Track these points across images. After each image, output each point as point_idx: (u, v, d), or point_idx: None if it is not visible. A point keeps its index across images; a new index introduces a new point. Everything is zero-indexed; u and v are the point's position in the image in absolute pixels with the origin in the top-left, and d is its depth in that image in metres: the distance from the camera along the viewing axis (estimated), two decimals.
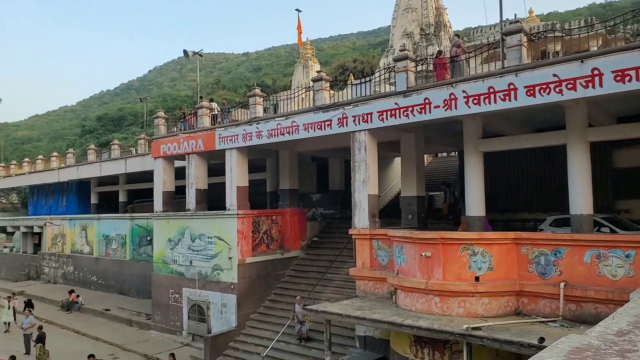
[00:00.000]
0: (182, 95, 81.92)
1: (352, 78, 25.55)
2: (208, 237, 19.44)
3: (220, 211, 19.19)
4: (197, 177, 20.08)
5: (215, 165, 20.90)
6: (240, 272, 18.47)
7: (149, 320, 22.44)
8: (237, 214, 18.50)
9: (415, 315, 11.12)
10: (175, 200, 22.32)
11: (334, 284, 17.89)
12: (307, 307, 14.19)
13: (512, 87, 11.16)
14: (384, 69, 17.09)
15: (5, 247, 46.35)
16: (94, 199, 34.60)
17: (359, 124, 14.39)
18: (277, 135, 16.78)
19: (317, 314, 12.98)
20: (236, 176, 18.72)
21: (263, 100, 18.53)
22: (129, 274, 28.38)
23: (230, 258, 18.58)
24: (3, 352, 18.16)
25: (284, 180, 20.93)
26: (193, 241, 20.00)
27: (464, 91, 11.97)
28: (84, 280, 31.98)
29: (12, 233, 46.29)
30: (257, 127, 17.60)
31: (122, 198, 32.17)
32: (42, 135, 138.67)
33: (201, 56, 23.00)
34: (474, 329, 9.51)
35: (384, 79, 16.93)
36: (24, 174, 39.72)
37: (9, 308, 24.02)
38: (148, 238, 27.12)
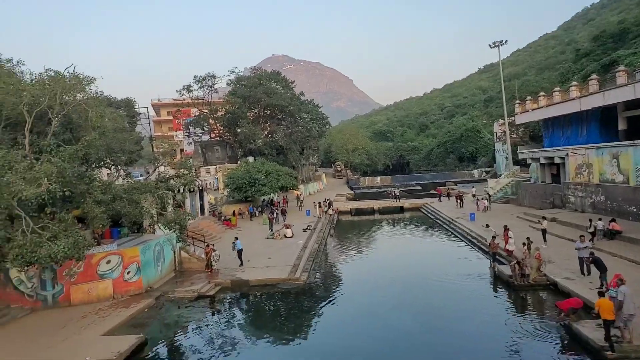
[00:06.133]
0: None
1: None
2: None
3: None
4: None
5: None
6: None
7: None
8: None
9: None
10: None
11: None
12: None
13: None
14: None
15: (522, 179, 50.53)
16: (621, 125, 32.29)
17: None
18: None
19: None
20: None
21: None
22: None
23: None
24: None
25: None
26: None
27: None
28: (618, 209, 30.68)
29: (528, 165, 49.90)
30: None
31: None
32: (526, 68, 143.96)
33: None
34: None
35: None
36: (540, 107, 41.40)
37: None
38: None
